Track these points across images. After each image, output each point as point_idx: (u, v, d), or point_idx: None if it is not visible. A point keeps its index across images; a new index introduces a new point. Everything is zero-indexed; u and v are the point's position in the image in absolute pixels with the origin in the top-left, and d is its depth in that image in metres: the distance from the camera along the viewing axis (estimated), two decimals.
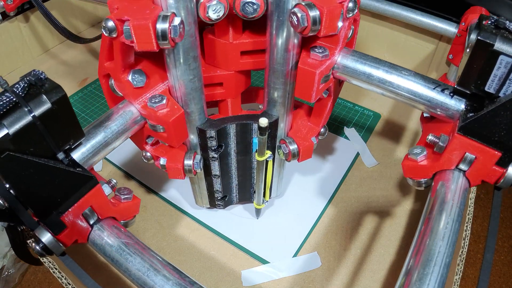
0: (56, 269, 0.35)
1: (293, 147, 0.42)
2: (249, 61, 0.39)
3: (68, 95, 0.80)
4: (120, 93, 0.37)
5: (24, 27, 0.81)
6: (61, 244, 0.31)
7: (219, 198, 0.51)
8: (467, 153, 0.33)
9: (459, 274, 0.35)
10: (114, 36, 0.31)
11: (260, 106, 0.46)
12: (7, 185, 0.27)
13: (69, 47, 0.90)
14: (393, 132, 0.68)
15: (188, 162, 0.41)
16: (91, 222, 0.33)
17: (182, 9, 0.31)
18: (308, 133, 0.44)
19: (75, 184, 0.30)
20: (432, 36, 0.73)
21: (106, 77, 0.38)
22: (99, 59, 0.36)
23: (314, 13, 0.31)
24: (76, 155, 0.32)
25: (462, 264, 0.35)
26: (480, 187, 1.26)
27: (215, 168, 0.45)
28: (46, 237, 0.30)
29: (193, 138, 0.41)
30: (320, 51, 0.35)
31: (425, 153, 0.36)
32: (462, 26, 0.58)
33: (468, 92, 0.33)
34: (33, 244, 0.30)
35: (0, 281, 0.89)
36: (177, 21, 0.30)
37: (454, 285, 0.34)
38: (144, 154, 0.42)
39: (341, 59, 0.37)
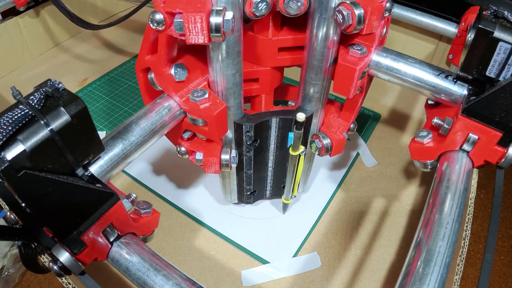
0: None
1: (326, 141, 0.44)
2: (286, 58, 0.39)
3: None
4: (160, 88, 0.37)
5: (24, 27, 0.81)
6: (80, 264, 0.29)
7: (248, 193, 0.51)
8: (470, 134, 0.35)
9: (459, 274, 0.35)
10: (161, 29, 0.30)
11: (290, 103, 0.47)
12: (23, 204, 0.25)
13: (69, 47, 0.90)
14: (393, 132, 0.68)
15: (225, 156, 0.41)
16: (111, 240, 0.31)
17: (230, 4, 0.31)
18: (339, 128, 0.45)
19: (96, 201, 0.28)
20: (432, 36, 0.73)
21: (144, 71, 0.38)
22: (139, 53, 0.36)
23: (359, 11, 0.32)
24: (94, 168, 0.31)
25: (462, 264, 0.35)
26: (480, 187, 1.26)
27: (249, 163, 0.45)
28: (65, 256, 0.28)
29: (229, 133, 0.42)
30: (359, 48, 0.36)
31: (430, 135, 0.38)
32: (462, 26, 0.58)
33: (470, 77, 0.36)
34: (51, 264, 0.28)
35: (0, 281, 0.89)
36: (229, 15, 0.30)
37: (454, 285, 0.34)
38: (178, 149, 0.42)
39: (375, 56, 0.38)
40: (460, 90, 0.36)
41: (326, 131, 0.44)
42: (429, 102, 0.42)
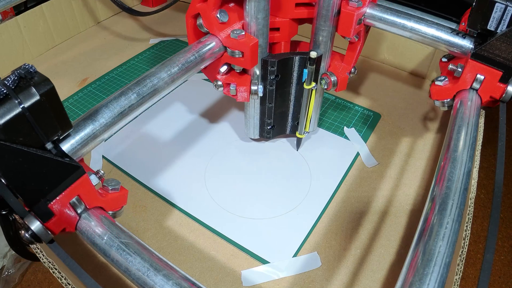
0: (56, 269, 0.35)
1: (333, 78, 0.54)
2: (302, 11, 0.51)
3: (68, 95, 0.80)
4: (206, 29, 0.48)
5: (24, 27, 0.81)
6: (49, 232, 0.32)
7: (268, 128, 0.61)
8: (478, 74, 0.46)
9: (459, 274, 0.35)
10: None
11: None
12: None
13: (69, 47, 0.90)
14: (393, 132, 0.68)
15: (254, 87, 0.53)
16: (79, 211, 0.34)
17: None
18: (343, 70, 0.55)
19: (63, 173, 0.32)
20: None
21: (194, 18, 0.49)
22: (191, 3, 0.47)
23: None
24: (66, 146, 0.34)
25: (462, 264, 0.35)
26: (480, 187, 1.26)
27: (271, 96, 0.56)
28: (35, 225, 0.31)
29: (257, 71, 0.53)
30: (356, 1, 0.48)
31: (447, 79, 0.50)
32: (462, 26, 0.58)
33: (476, 32, 0.46)
34: (23, 232, 0.31)
35: (0, 281, 0.89)
36: None
37: (454, 285, 0.34)
38: (216, 83, 0.52)
39: (369, 9, 0.50)
40: (468, 43, 0.47)
41: (333, 71, 0.55)
42: (443, 60, 0.53)
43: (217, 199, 0.57)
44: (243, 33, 0.47)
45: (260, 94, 0.54)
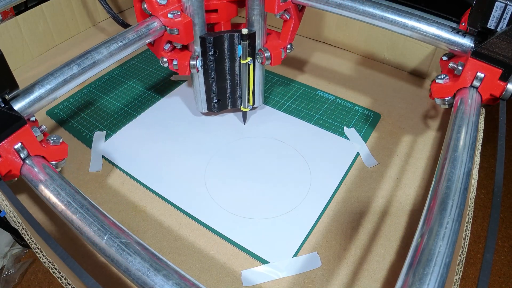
0: (56, 269, 0.35)
1: (267, 54, 0.60)
2: None
3: (68, 95, 0.80)
4: (149, 11, 0.55)
5: (24, 27, 0.81)
6: None
7: (214, 101, 0.66)
8: (478, 72, 0.46)
9: (459, 274, 0.35)
10: None
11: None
12: None
13: (69, 47, 0.90)
14: (393, 132, 0.68)
15: (193, 62, 0.58)
16: (22, 156, 0.41)
17: None
18: (277, 46, 0.61)
19: (8, 122, 0.40)
20: None
21: (140, 1, 0.55)
22: None
23: None
24: (18, 105, 0.43)
25: (462, 264, 0.35)
26: (480, 187, 1.26)
27: (212, 71, 0.61)
28: None
29: (196, 47, 0.58)
30: None
31: (447, 77, 0.50)
32: (462, 26, 0.58)
33: (476, 31, 0.47)
34: None
35: (0, 281, 0.89)
36: None
37: (454, 285, 0.34)
38: (162, 59, 0.59)
39: None
40: (468, 41, 0.47)
41: (268, 47, 0.60)
42: (443, 58, 0.53)
43: (217, 199, 0.57)
44: (179, 13, 0.53)
45: (200, 68, 0.59)
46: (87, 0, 0.93)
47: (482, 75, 0.46)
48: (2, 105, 0.41)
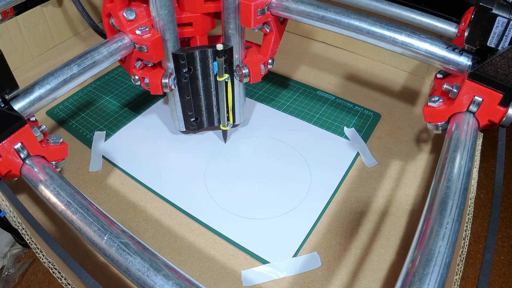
0: (56, 269, 0.35)
1: (245, 70, 0.56)
2: (210, 6, 0.53)
3: (69, 95, 0.80)
4: (117, 27, 0.51)
5: (24, 27, 0.81)
6: None
7: (192, 120, 0.62)
8: (475, 96, 0.41)
9: (459, 274, 0.35)
10: None
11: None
12: None
13: (69, 47, 0.90)
14: (393, 132, 0.68)
15: (164, 80, 0.54)
16: (22, 156, 0.41)
17: None
18: (257, 61, 0.57)
19: (8, 122, 0.40)
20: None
21: (107, 16, 0.52)
22: (103, 3, 0.51)
23: None
24: (17, 105, 0.42)
25: (462, 264, 0.35)
26: (480, 187, 1.26)
27: (187, 89, 0.57)
28: None
29: (169, 64, 0.54)
30: None
31: (441, 100, 0.45)
32: (462, 26, 0.58)
33: (474, 48, 0.42)
34: None
35: (0, 281, 0.89)
36: None
37: (454, 285, 0.34)
38: (133, 77, 0.55)
39: (284, 1, 0.50)
40: (465, 60, 0.43)
41: (247, 63, 0.56)
42: (438, 76, 0.49)
43: (217, 199, 0.57)
44: (148, 28, 0.50)
45: (173, 87, 0.55)
46: (87, 0, 0.93)
47: (480, 99, 0.41)
48: (2, 105, 0.41)
